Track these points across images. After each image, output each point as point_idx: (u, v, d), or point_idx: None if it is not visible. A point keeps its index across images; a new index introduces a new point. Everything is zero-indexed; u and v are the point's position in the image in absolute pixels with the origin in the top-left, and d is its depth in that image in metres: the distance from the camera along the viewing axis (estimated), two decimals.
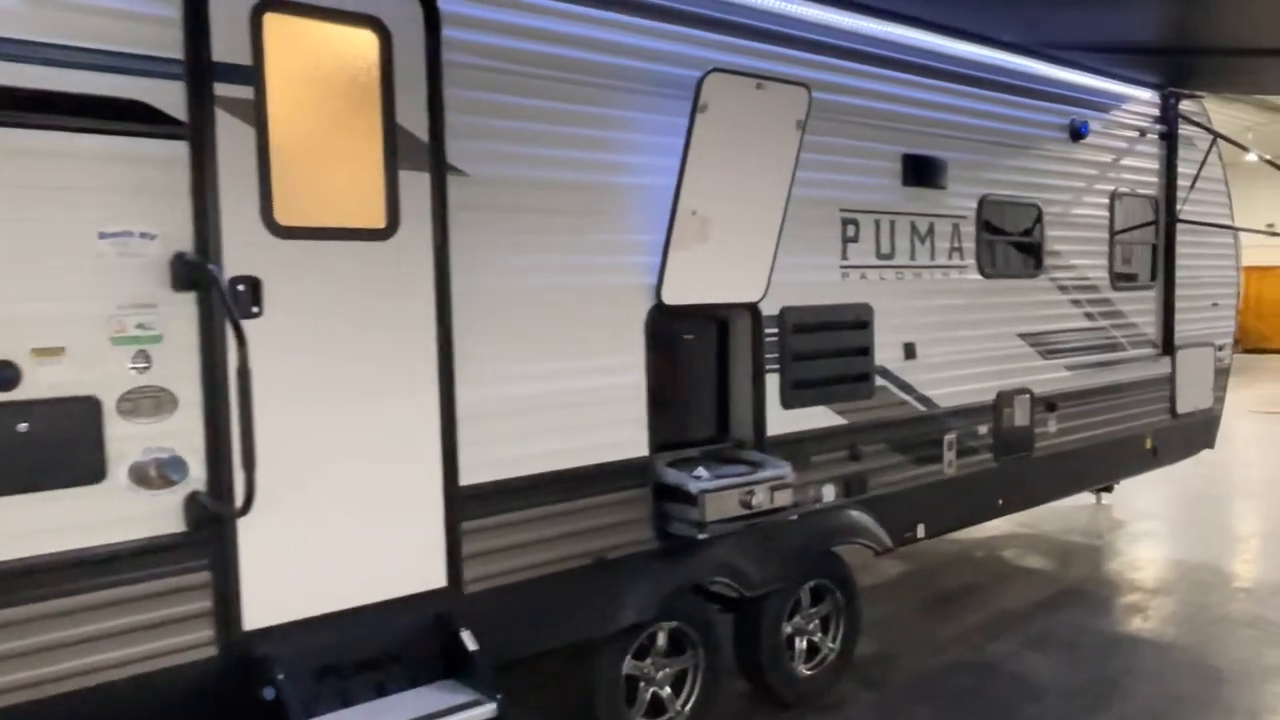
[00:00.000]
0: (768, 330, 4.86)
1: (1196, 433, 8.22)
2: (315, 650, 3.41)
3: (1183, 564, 7.72)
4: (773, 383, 4.90)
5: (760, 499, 4.49)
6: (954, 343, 5.91)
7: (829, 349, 5.18)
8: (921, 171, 5.62)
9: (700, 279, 4.44)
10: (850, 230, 5.28)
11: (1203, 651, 5.92)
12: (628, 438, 4.30)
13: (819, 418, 5.15)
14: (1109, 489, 8.10)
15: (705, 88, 4.13)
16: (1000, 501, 6.36)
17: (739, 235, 4.52)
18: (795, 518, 4.72)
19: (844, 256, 5.25)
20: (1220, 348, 8.40)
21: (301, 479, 3.37)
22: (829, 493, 5.22)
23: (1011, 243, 6.39)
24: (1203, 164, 7.58)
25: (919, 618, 6.55)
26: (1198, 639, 6.12)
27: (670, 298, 4.36)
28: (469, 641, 3.63)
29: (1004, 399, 6.28)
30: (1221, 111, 19.29)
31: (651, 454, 4.40)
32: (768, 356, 4.87)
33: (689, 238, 4.32)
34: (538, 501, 4.00)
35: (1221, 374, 8.41)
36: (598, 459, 4.20)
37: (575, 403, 4.09)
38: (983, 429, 6.16)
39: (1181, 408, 7.89)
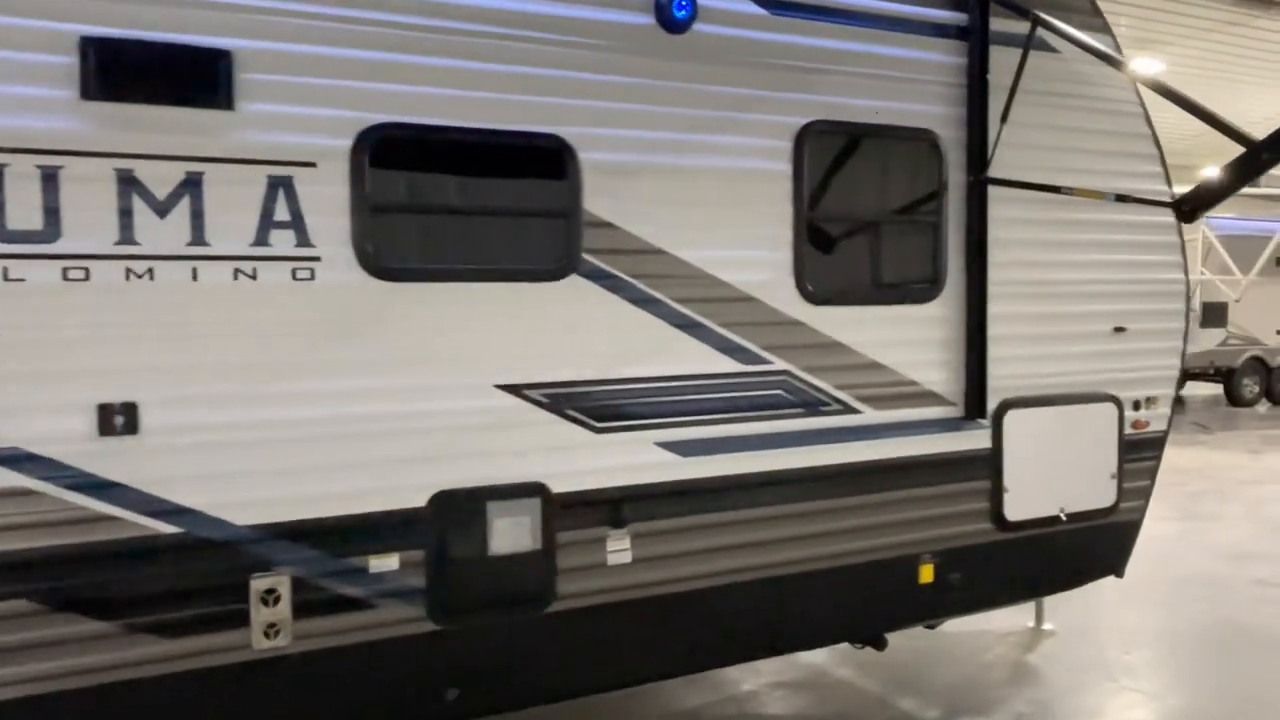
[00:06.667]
0: None
1: (1078, 550, 4.69)
2: None
3: None
4: None
5: None
6: (277, 403, 3.11)
7: None
8: (139, 73, 2.90)
9: None
10: None
11: None
12: None
13: None
14: (878, 643, 4.61)
15: None
16: (453, 695, 3.41)
17: None
18: None
19: None
20: (1140, 405, 4.84)
21: None
22: None
23: (481, 213, 3.46)
24: (1018, 76, 4.17)
25: None
26: None
27: None
28: None
29: (456, 505, 3.36)
30: None
31: None
32: None
33: None
34: None
35: (1140, 448, 4.83)
36: None
37: None
38: (389, 563, 3.28)
39: (1018, 511, 4.46)
